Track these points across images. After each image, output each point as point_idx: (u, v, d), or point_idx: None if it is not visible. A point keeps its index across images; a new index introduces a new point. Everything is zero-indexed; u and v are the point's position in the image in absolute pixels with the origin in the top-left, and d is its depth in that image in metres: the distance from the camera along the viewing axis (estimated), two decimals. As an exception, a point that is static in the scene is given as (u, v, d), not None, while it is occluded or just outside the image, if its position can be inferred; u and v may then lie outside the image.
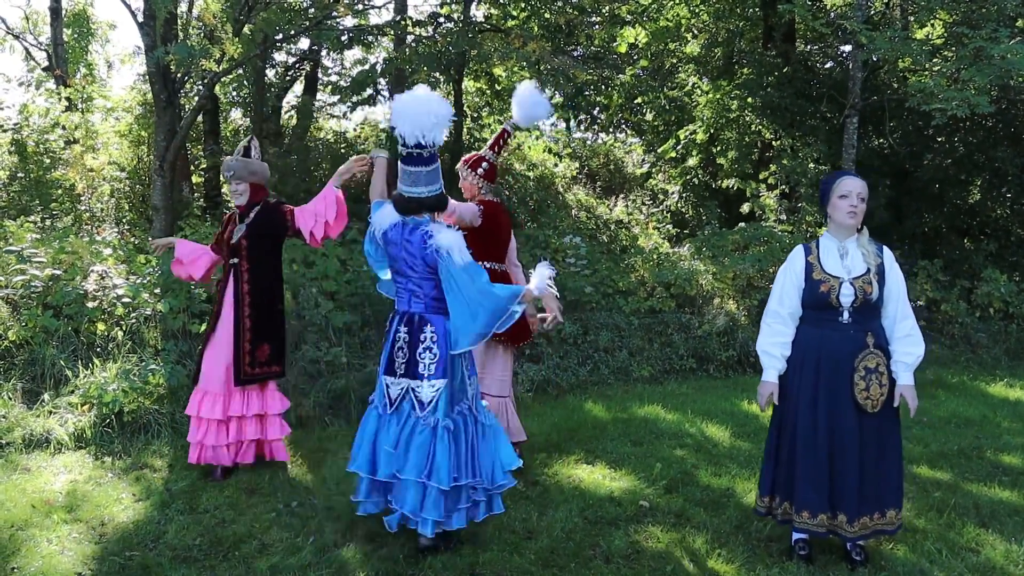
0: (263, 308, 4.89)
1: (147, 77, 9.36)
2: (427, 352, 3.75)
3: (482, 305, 3.65)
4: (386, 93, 11.60)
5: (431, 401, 3.71)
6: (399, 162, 3.77)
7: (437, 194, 3.80)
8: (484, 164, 4.83)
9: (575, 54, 13.89)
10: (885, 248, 3.75)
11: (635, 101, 14.03)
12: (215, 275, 5.27)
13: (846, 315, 3.62)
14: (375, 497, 3.87)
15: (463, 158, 4.93)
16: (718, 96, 12.28)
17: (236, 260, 4.88)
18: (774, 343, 3.77)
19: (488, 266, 4.72)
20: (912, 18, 11.54)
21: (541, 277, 3.75)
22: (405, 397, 3.77)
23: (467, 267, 3.66)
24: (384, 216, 3.89)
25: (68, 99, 11.38)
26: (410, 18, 10.41)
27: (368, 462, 3.79)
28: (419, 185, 3.75)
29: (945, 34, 10.78)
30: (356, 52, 12.87)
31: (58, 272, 6.44)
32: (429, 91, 3.73)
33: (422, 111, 3.62)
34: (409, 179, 3.75)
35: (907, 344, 3.64)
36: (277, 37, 9.03)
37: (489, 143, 4.92)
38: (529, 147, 14.02)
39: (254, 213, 4.90)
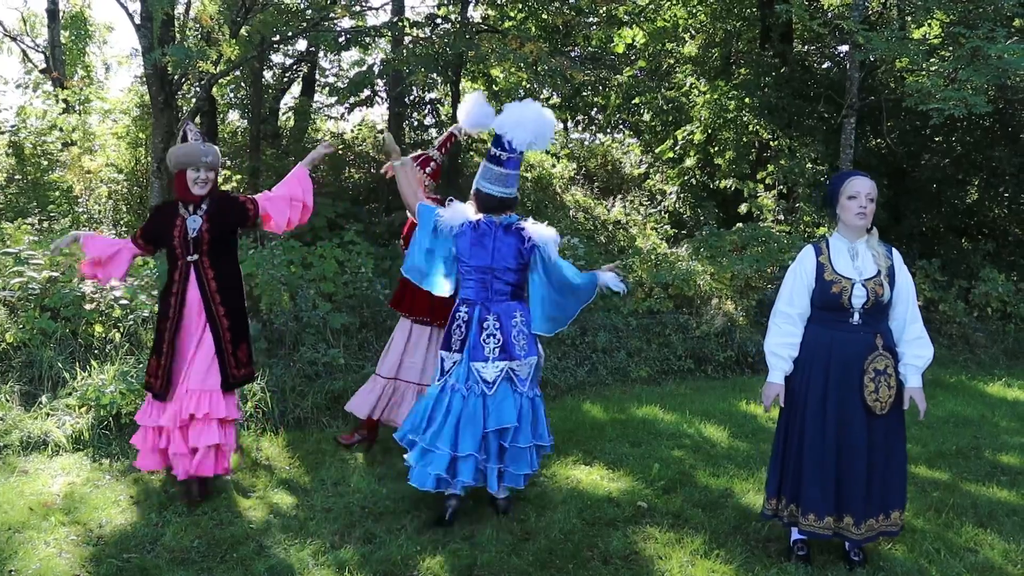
0: (234, 307, 4.56)
1: (144, 79, 9.36)
2: (520, 334, 4.23)
3: (573, 294, 4.32)
4: (383, 94, 11.60)
5: (528, 376, 4.25)
6: (491, 163, 4.21)
7: (514, 196, 4.31)
8: (432, 164, 5.15)
9: (572, 55, 13.90)
10: (894, 249, 3.73)
11: (633, 101, 14.03)
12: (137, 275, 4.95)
13: (856, 316, 3.60)
14: (451, 475, 4.13)
15: (412, 156, 5.12)
16: (716, 96, 12.28)
17: (196, 256, 4.45)
18: (782, 344, 3.73)
19: None
20: (909, 18, 11.54)
21: (605, 275, 4.46)
22: (503, 377, 4.18)
23: (560, 261, 4.27)
24: (457, 214, 4.24)
25: (65, 101, 11.37)
26: (407, 19, 10.41)
27: (451, 442, 4.11)
28: (509, 186, 4.23)
29: (942, 34, 10.79)
30: (353, 53, 12.91)
31: (55, 274, 6.43)
32: (540, 105, 4.23)
33: (544, 123, 4.17)
34: (502, 181, 4.21)
35: (917, 347, 3.64)
36: (274, 39, 9.02)
37: (436, 144, 5.27)
38: (527, 147, 13.99)
39: (207, 204, 4.49)
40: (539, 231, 4.21)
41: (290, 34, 9.20)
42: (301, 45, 12.54)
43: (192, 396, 4.41)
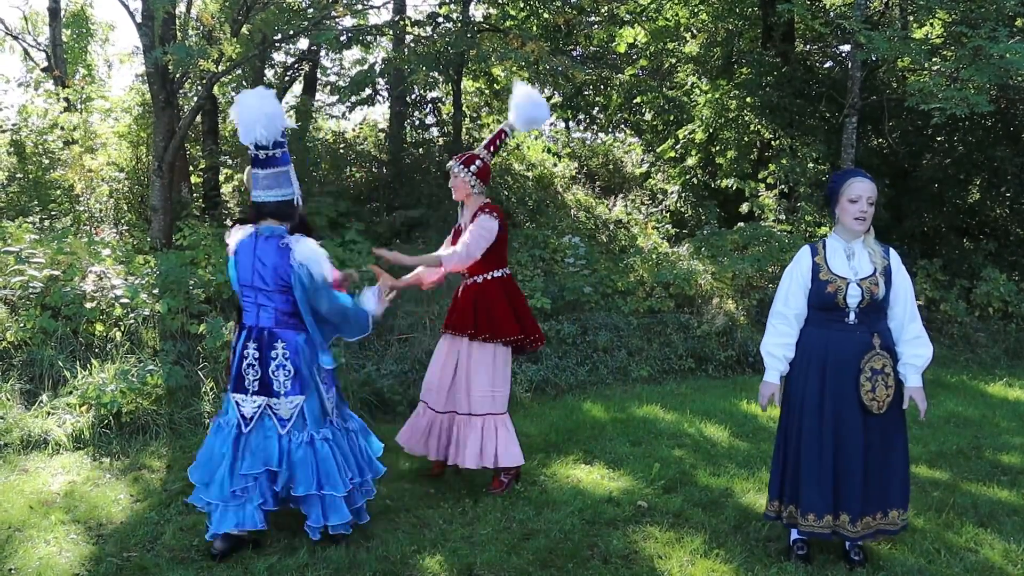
0: None
1: (146, 77, 9.35)
2: (280, 369, 3.69)
3: (345, 321, 3.76)
4: (384, 93, 11.60)
5: (291, 417, 3.72)
6: (254, 167, 3.70)
7: (279, 200, 3.69)
8: (478, 162, 4.60)
9: (574, 54, 13.89)
10: (891, 249, 3.74)
11: (634, 101, 14.01)
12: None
13: (852, 316, 3.61)
14: (231, 515, 3.71)
15: (456, 155, 4.78)
16: (717, 96, 12.26)
17: None
18: (778, 344, 3.74)
19: (499, 274, 4.62)
20: (911, 17, 11.53)
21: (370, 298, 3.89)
22: (263, 415, 3.72)
23: (325, 283, 3.65)
24: (238, 232, 3.79)
25: (67, 100, 11.36)
26: (409, 18, 10.42)
27: (220, 486, 3.70)
28: (259, 189, 3.66)
29: (944, 33, 10.76)
30: (355, 52, 12.91)
31: (56, 273, 6.43)
32: (262, 90, 3.67)
33: (251, 110, 3.56)
34: (255, 183, 3.67)
35: (916, 346, 3.64)
36: (276, 37, 9.02)
37: (485, 143, 4.71)
38: (528, 147, 14.01)
39: None
40: (299, 246, 3.62)
41: (291, 33, 9.19)
42: (302, 44, 12.54)
43: None
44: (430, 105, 12.39)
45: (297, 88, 14.19)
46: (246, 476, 3.69)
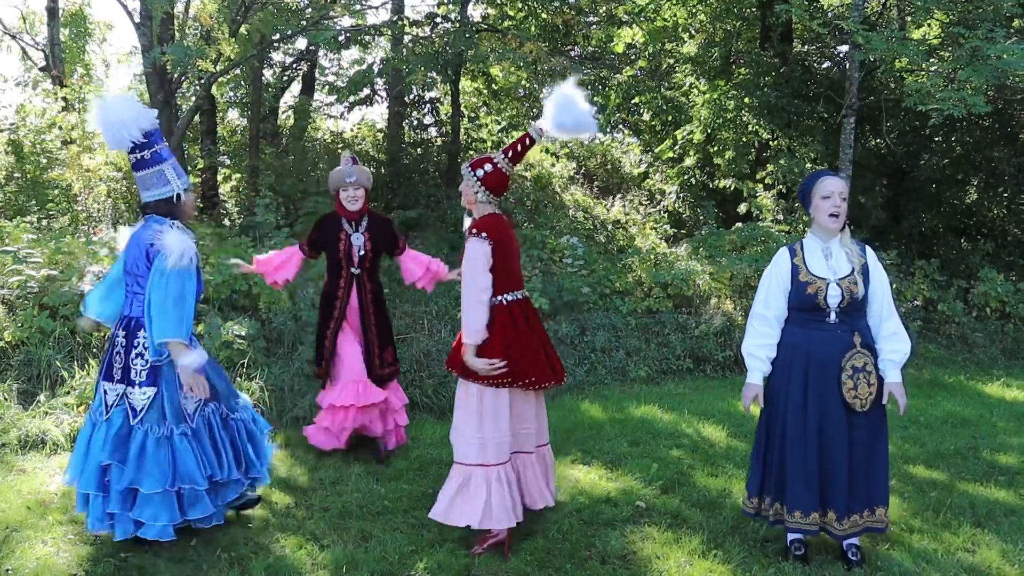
0: (383, 315, 5.20)
1: (144, 77, 9.35)
2: (139, 358, 3.69)
3: (167, 315, 3.55)
4: (383, 93, 11.61)
5: (143, 409, 3.68)
6: (135, 171, 3.83)
7: (158, 199, 3.76)
8: (487, 167, 3.83)
9: (572, 54, 13.89)
10: (867, 247, 3.77)
11: (632, 101, 14.02)
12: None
13: (833, 316, 3.64)
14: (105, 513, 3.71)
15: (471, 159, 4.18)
16: (715, 96, 12.27)
17: (359, 270, 5.07)
18: (759, 345, 3.78)
19: (508, 298, 3.87)
20: (909, 18, 11.55)
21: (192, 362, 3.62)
22: (119, 404, 3.71)
23: (177, 273, 3.58)
24: (130, 230, 3.90)
25: (65, 99, 11.36)
26: (407, 18, 10.42)
27: (94, 478, 3.70)
28: (141, 190, 3.79)
29: (942, 34, 10.79)
30: (353, 52, 12.91)
31: (54, 272, 6.43)
32: (111, 99, 3.79)
33: (97, 123, 3.68)
34: (138, 185, 3.81)
35: (894, 342, 3.67)
36: (274, 37, 9.03)
37: (505, 147, 3.97)
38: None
39: (367, 222, 5.07)
40: (168, 234, 3.62)
41: (290, 32, 9.19)
42: (301, 44, 12.55)
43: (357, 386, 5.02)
44: (428, 105, 12.41)
45: (295, 88, 14.21)
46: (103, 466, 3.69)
